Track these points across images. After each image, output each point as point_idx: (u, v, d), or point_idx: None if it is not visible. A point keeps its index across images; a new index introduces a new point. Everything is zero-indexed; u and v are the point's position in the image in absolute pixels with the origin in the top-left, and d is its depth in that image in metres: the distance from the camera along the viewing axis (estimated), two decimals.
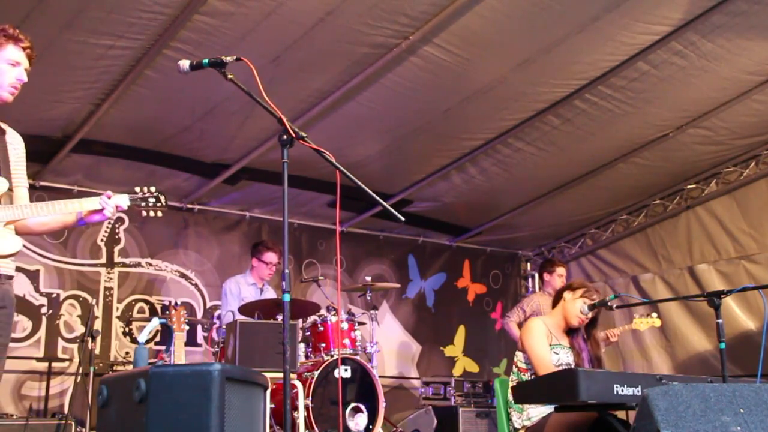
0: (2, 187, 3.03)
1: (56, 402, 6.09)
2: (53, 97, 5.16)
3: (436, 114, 5.94)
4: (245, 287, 6.19)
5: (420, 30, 4.82)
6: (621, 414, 3.52)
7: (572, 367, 3.99)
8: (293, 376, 5.15)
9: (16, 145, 3.17)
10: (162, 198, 3.39)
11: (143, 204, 3.34)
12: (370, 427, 5.46)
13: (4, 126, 3.16)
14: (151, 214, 3.38)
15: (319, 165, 5.95)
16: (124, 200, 3.26)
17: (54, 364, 6.03)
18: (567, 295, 4.14)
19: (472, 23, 4.82)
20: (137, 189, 3.35)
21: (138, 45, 4.67)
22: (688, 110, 6.21)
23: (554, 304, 4.23)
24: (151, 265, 6.81)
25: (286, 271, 2.81)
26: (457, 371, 8.38)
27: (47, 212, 3.10)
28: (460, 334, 8.59)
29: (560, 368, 3.93)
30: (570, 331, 4.15)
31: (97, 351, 5.90)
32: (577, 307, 4.05)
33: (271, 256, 6.21)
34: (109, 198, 3.19)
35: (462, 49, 5.09)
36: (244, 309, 5.58)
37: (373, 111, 5.76)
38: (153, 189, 3.37)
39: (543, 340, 4.00)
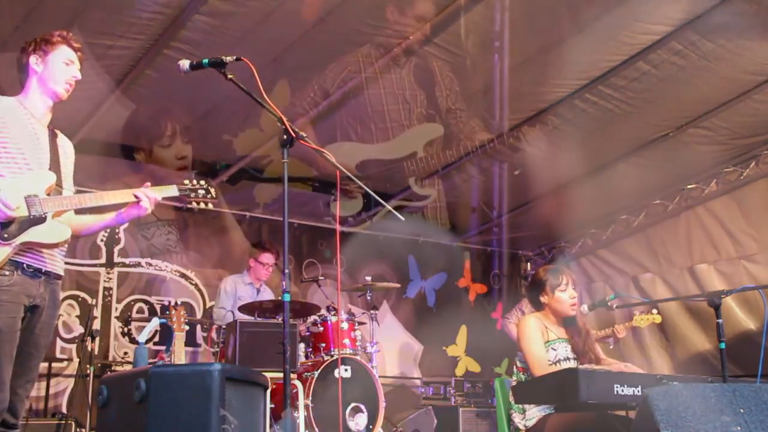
0: (50, 179, 3.02)
1: (55, 402, 6.09)
2: None
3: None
4: (242, 287, 6.19)
5: (420, 30, 4.82)
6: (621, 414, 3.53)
7: (571, 360, 3.97)
8: (293, 376, 5.15)
9: (66, 149, 3.23)
10: (212, 190, 3.31)
11: (192, 195, 3.27)
12: (370, 427, 5.46)
13: (57, 131, 3.20)
14: (201, 205, 3.31)
15: (319, 165, 5.96)
16: (171, 191, 3.20)
17: (53, 365, 6.01)
18: (544, 299, 4.05)
19: (472, 23, 4.82)
20: (186, 181, 3.28)
21: (138, 45, 4.68)
22: (688, 110, 6.21)
23: (537, 309, 4.15)
24: (150, 265, 6.81)
25: (287, 271, 2.81)
26: (459, 371, 8.37)
27: (85, 203, 3.04)
28: (462, 333, 8.59)
29: (556, 365, 3.91)
30: (566, 321, 4.11)
31: (96, 351, 5.90)
32: (564, 301, 4.02)
33: (267, 257, 6.20)
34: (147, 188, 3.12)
35: (462, 49, 5.09)
36: (244, 309, 5.57)
37: (373, 111, 5.76)
38: (203, 182, 3.31)
39: (538, 338, 3.94)
